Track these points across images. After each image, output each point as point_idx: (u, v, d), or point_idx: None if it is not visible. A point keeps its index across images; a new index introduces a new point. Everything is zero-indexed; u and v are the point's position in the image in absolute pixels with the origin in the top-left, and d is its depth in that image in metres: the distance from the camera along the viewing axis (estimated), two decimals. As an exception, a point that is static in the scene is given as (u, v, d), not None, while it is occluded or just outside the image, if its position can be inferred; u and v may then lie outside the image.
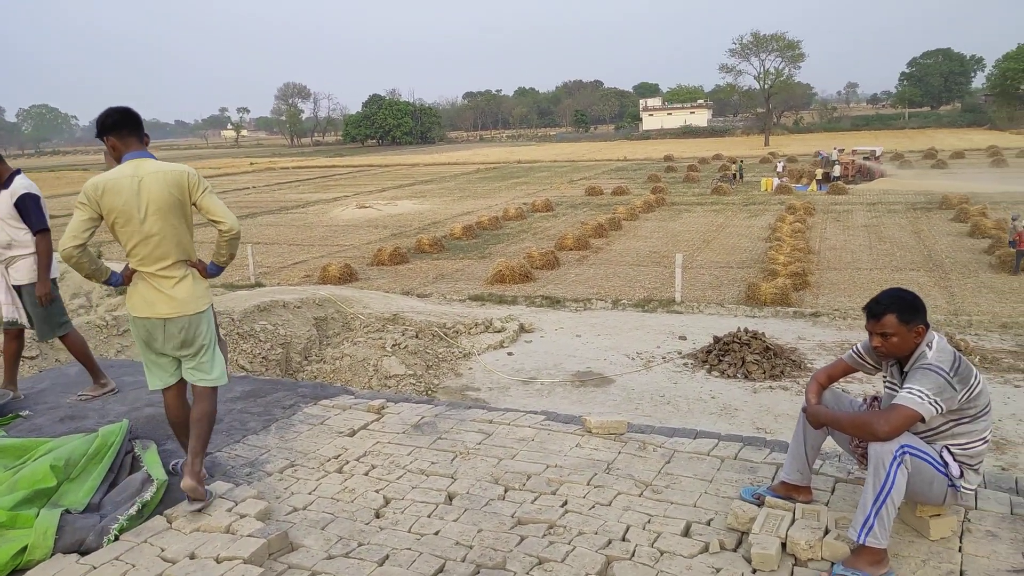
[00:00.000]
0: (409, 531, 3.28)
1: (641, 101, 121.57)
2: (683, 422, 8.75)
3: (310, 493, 3.66)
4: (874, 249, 18.52)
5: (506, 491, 3.60)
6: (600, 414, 7.83)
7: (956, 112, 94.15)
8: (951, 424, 2.90)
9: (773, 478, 3.39)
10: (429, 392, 10.21)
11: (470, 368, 11.05)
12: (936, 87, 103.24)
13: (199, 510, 3.39)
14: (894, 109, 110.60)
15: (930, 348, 2.93)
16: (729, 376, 10.32)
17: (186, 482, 3.35)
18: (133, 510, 3.35)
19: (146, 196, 3.38)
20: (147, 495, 3.44)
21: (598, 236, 21.86)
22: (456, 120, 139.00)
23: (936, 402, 2.77)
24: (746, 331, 11.02)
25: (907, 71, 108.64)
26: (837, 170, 33.47)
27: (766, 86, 73.25)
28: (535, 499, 3.51)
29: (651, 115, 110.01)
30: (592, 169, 49.88)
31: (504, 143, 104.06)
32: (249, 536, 3.16)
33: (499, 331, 12.65)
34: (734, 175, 37.35)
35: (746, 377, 10.23)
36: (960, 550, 2.88)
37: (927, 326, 2.97)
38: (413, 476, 3.80)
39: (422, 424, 4.45)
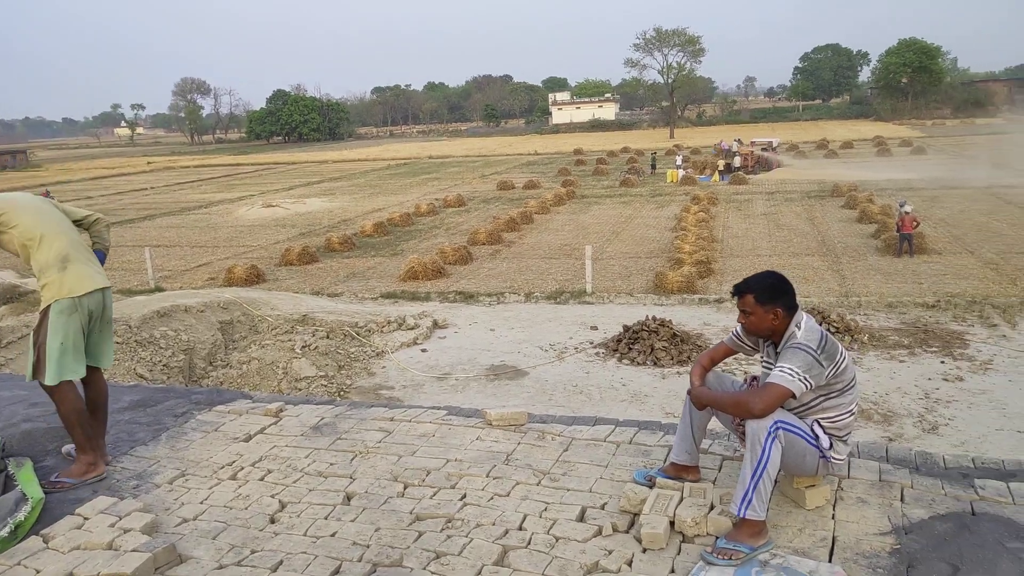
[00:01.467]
0: (305, 534, 3.23)
1: (550, 95, 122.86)
2: (595, 410, 8.93)
3: (201, 502, 3.54)
4: (773, 236, 19.33)
5: (405, 488, 3.59)
6: (512, 407, 7.90)
7: (845, 104, 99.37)
8: (820, 399, 3.07)
9: (665, 460, 3.51)
10: (342, 393, 10.05)
11: (383, 367, 10.94)
12: (827, 81, 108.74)
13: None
14: (789, 102, 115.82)
15: (799, 328, 3.10)
16: (639, 363, 10.59)
17: (101, 467, 3.77)
18: (6, 531, 3.16)
19: None
20: (21, 515, 3.25)
21: (510, 230, 21.99)
22: (365, 116, 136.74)
23: (806, 379, 2.93)
24: (654, 319, 11.32)
25: (800, 65, 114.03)
26: (737, 161, 34.78)
27: (670, 80, 75.35)
28: (434, 494, 3.51)
29: (560, 109, 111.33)
30: (503, 164, 50.11)
31: (415, 138, 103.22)
32: (133, 551, 3.03)
33: (413, 328, 12.57)
34: (652, 166, 38.39)
35: (655, 364, 10.53)
36: (833, 517, 3.06)
37: (790, 309, 3.14)
38: (310, 479, 3.73)
39: (321, 425, 4.37)
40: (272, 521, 3.36)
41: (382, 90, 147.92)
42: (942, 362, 9.59)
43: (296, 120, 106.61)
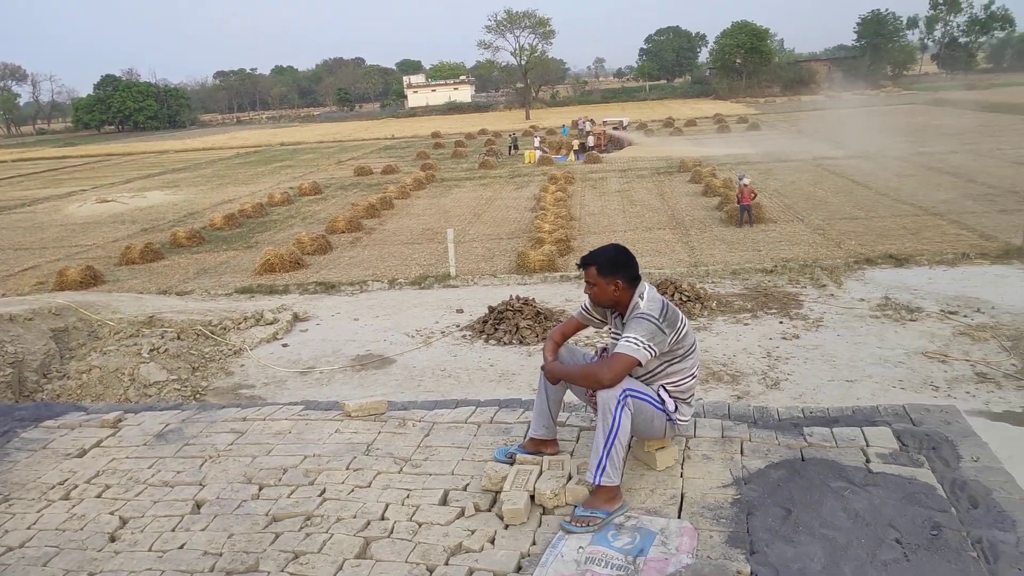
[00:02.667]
0: (150, 550, 3.02)
1: (405, 78, 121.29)
2: (465, 392, 8.96)
3: (29, 527, 3.23)
4: (627, 212, 20.08)
5: (260, 489, 3.44)
6: (380, 396, 7.78)
7: (687, 84, 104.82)
8: (665, 365, 3.23)
9: (525, 436, 3.56)
10: (197, 395, 9.50)
11: (242, 365, 10.44)
12: (670, 61, 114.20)
13: None
14: (636, 82, 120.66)
15: (642, 299, 3.23)
16: (505, 343, 10.72)
17: None
18: None
19: None
20: None
21: (370, 216, 21.57)
22: (208, 102, 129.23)
23: (650, 346, 3.06)
24: (518, 299, 11.48)
25: (645, 47, 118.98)
26: (591, 140, 35.83)
27: (523, 62, 76.36)
28: (291, 492, 3.39)
29: (416, 92, 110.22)
30: (360, 149, 48.99)
31: (264, 125, 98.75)
32: (-54, 591, 2.73)
33: (271, 323, 12.06)
34: (509, 148, 38.74)
35: (521, 342, 10.69)
36: (682, 475, 3.23)
37: (632, 280, 3.28)
38: (155, 490, 3.50)
39: (166, 432, 4.11)
40: (112, 539, 3.12)
41: (226, 74, 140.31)
42: (781, 322, 10.34)
43: (130, 108, 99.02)
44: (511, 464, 3.35)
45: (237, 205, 24.58)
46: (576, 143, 35.92)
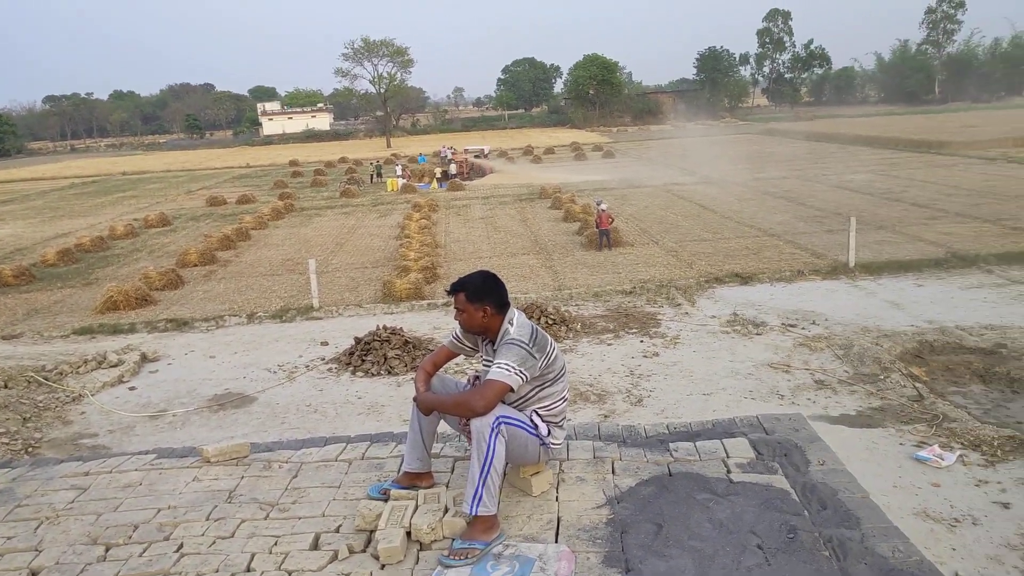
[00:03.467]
0: (-25, 632, 2.68)
1: (259, 105, 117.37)
2: (332, 428, 8.64)
3: None
4: (491, 238, 20.32)
5: (108, 550, 3.14)
6: (241, 437, 7.33)
7: (544, 113, 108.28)
8: (536, 389, 3.27)
9: (399, 470, 3.48)
10: (30, 449, 8.58)
11: (83, 412, 9.55)
12: (527, 91, 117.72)
13: None
14: (496, 111, 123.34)
15: (512, 325, 3.26)
16: (374, 375, 10.47)
17: None
18: None
19: None
20: None
21: (225, 248, 20.55)
22: (37, 129, 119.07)
23: (521, 372, 3.09)
24: (385, 328, 11.27)
25: (502, 77, 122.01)
26: (453, 168, 36.12)
27: (382, 90, 76.03)
28: (144, 551, 3.12)
29: (271, 120, 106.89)
30: (212, 178, 46.76)
31: (103, 153, 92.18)
32: None
33: (116, 365, 11.14)
34: (371, 176, 38.29)
35: (390, 373, 10.48)
36: (557, 499, 3.26)
37: (500, 306, 3.31)
38: (-20, 562, 3.11)
39: (-7, 495, 3.67)
40: (-73, 625, 2.74)
41: (57, 99, 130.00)
42: (641, 341, 10.76)
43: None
44: (385, 501, 3.26)
45: (74, 239, 22.70)
46: (439, 171, 36.10)
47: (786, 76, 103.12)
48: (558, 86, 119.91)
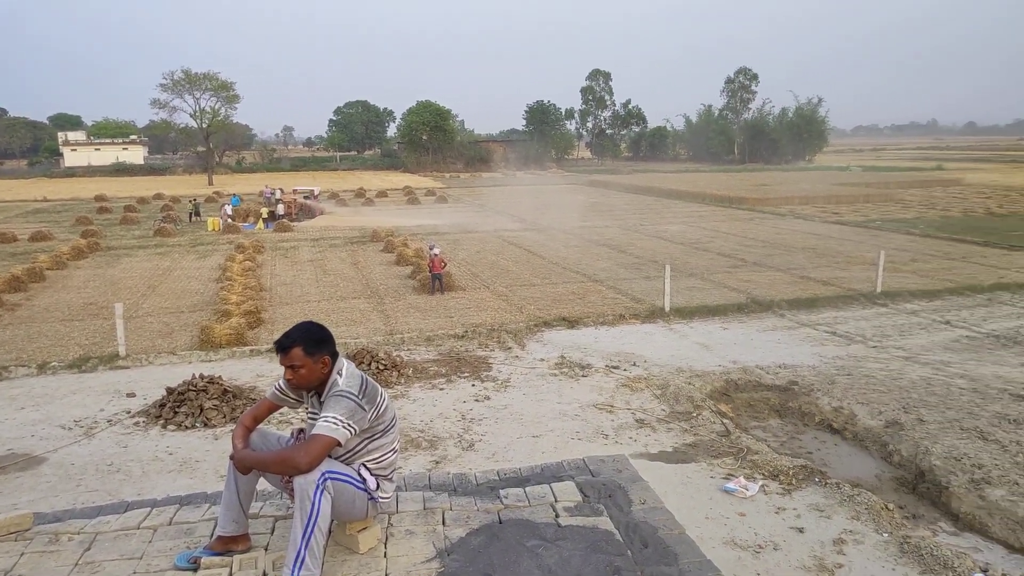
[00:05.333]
0: None
1: (60, 134, 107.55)
2: (138, 489, 7.87)
3: None
4: (321, 282, 19.73)
5: None
6: (25, 504, 6.46)
7: (377, 157, 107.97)
8: (365, 442, 3.16)
9: (211, 535, 3.21)
10: None
11: None
12: (359, 134, 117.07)
13: None
14: (327, 152, 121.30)
15: (340, 375, 3.15)
16: (188, 427, 9.69)
17: None
18: None
19: None
20: None
21: (15, 290, 18.40)
22: None
23: (349, 425, 2.98)
24: (202, 377, 10.52)
25: (334, 118, 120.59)
26: (281, 209, 34.91)
27: (204, 125, 72.37)
28: None
29: (75, 150, 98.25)
30: (1, 212, 41.97)
31: None
32: None
33: None
34: (190, 214, 36.04)
35: (206, 425, 9.75)
36: (385, 555, 3.15)
37: (334, 355, 3.19)
38: None
39: None
40: None
41: None
42: (473, 385, 10.82)
43: None
44: (195, 571, 2.99)
45: None
46: (265, 211, 34.72)
47: (607, 132, 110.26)
48: (391, 130, 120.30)
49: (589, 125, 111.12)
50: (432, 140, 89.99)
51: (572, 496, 3.58)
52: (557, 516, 3.42)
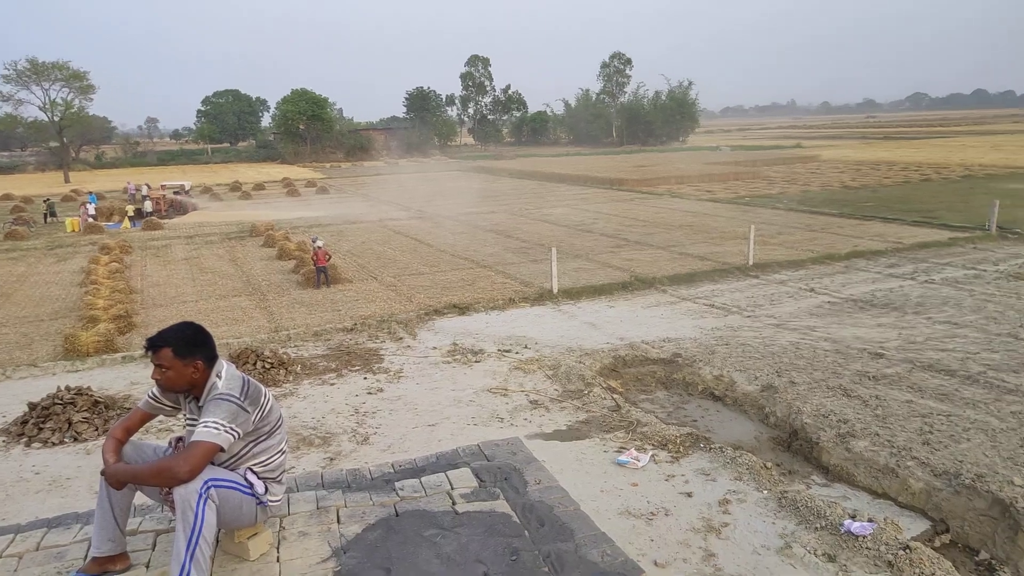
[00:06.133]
0: None
1: None
2: (2, 513, 7.26)
3: None
4: (197, 281, 18.80)
5: None
6: None
7: (252, 148, 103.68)
8: (250, 445, 3.03)
9: (86, 556, 3.00)
10: None
11: None
12: (232, 125, 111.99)
13: None
14: (197, 145, 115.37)
15: (220, 378, 3.00)
16: (55, 444, 9.00)
17: None
18: None
19: None
20: None
21: None
22: None
23: (232, 429, 2.85)
24: (68, 389, 9.80)
25: (203, 109, 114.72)
26: (149, 205, 32.98)
27: (56, 118, 67.10)
28: None
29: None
30: None
31: None
32: None
33: None
34: (45, 215, 33.36)
35: (76, 439, 9.10)
36: (278, 560, 3.05)
37: (211, 360, 3.03)
38: None
39: None
40: None
41: None
42: (365, 378, 10.64)
43: None
44: (69, 597, 2.79)
45: None
46: (131, 209, 32.67)
47: (488, 117, 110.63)
48: (266, 120, 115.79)
49: (470, 111, 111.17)
50: (310, 130, 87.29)
51: (468, 482, 3.59)
52: (454, 503, 3.42)
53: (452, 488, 3.57)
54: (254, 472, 3.04)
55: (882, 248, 18.90)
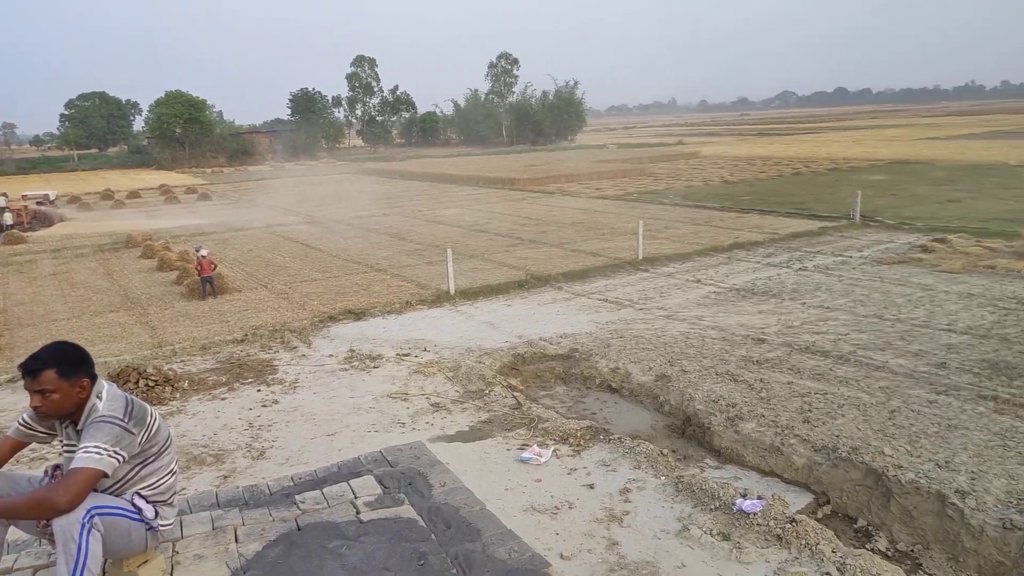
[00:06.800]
0: None
1: None
2: None
3: None
4: (68, 297, 17.60)
5: None
6: None
7: (125, 154, 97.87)
8: (137, 468, 2.87)
9: (-47, 603, 2.75)
10: None
11: None
12: (100, 129, 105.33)
13: None
14: (61, 151, 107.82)
15: (100, 399, 2.83)
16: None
17: None
18: None
19: None
20: None
21: None
22: None
23: (116, 452, 2.69)
24: (-79, 422, 8.95)
25: (67, 112, 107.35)
26: (9, 218, 30.58)
27: None
28: None
29: None
30: None
31: None
32: None
33: None
34: None
35: (-67, 477, 8.34)
36: (173, 586, 2.91)
37: (93, 378, 2.85)
38: None
39: None
40: None
41: None
42: (259, 391, 10.29)
43: None
44: (-65, 648, 2.55)
45: None
46: (-11, 221, 30.22)
47: (377, 119, 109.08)
48: (138, 123, 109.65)
49: (358, 112, 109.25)
50: (188, 133, 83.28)
51: (372, 490, 3.54)
52: (358, 512, 3.36)
53: (355, 497, 3.51)
54: (142, 496, 2.88)
55: (760, 239, 19.98)
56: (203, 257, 16.16)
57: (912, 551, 5.87)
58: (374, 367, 10.82)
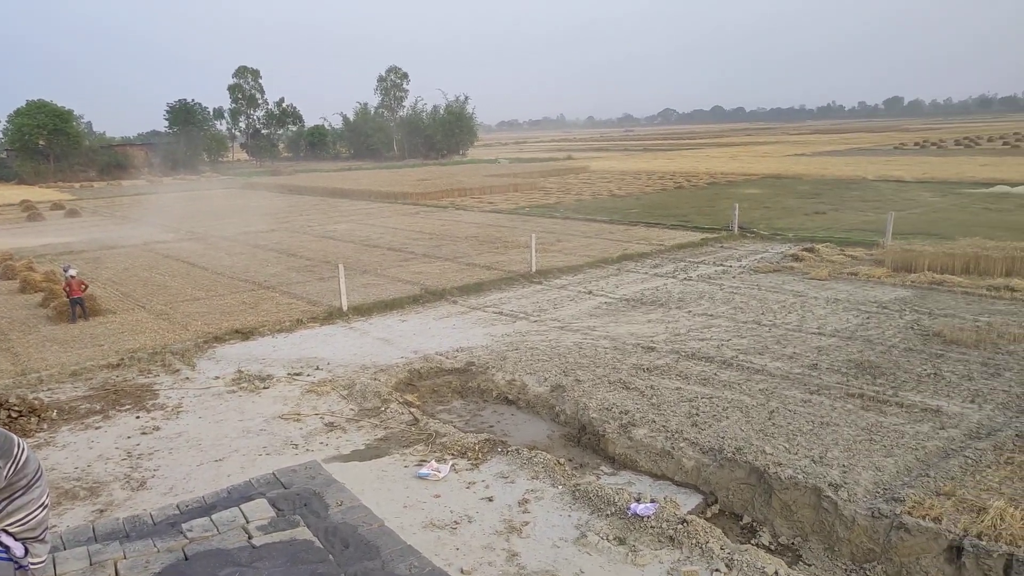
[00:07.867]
0: None
1: None
2: None
3: None
4: (-86, 323, 16.03)
5: None
6: None
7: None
8: (4, 503, 2.66)
9: None
10: None
11: None
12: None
13: None
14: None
15: (-41, 431, 2.61)
16: None
17: None
18: None
19: None
20: None
21: None
22: None
23: (-22, 488, 2.48)
24: None
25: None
26: None
27: None
28: None
29: None
30: None
31: None
32: None
33: None
34: None
35: None
36: (46, 630, 2.71)
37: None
38: None
39: None
40: None
41: None
42: (138, 417, 9.73)
43: None
44: None
45: None
46: None
47: (263, 132, 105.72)
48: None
49: (242, 125, 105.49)
50: (52, 146, 77.80)
51: (265, 513, 3.41)
52: (251, 537, 3.24)
53: (247, 521, 3.38)
54: (10, 533, 2.66)
55: (648, 250, 20.72)
56: (72, 277, 15.15)
57: (793, 543, 6.22)
58: (264, 388, 10.45)
